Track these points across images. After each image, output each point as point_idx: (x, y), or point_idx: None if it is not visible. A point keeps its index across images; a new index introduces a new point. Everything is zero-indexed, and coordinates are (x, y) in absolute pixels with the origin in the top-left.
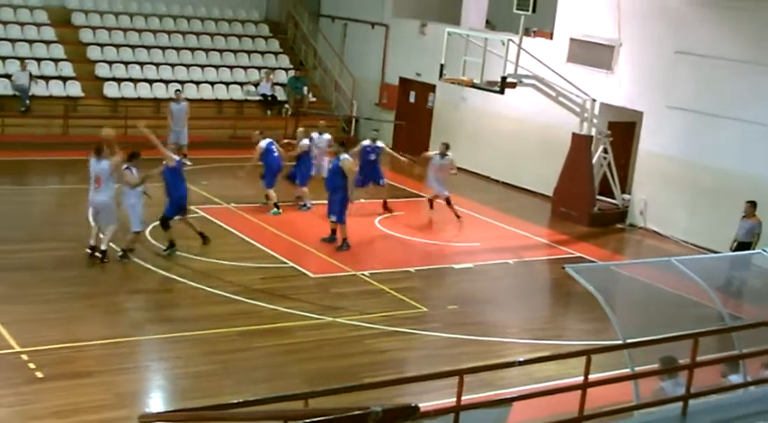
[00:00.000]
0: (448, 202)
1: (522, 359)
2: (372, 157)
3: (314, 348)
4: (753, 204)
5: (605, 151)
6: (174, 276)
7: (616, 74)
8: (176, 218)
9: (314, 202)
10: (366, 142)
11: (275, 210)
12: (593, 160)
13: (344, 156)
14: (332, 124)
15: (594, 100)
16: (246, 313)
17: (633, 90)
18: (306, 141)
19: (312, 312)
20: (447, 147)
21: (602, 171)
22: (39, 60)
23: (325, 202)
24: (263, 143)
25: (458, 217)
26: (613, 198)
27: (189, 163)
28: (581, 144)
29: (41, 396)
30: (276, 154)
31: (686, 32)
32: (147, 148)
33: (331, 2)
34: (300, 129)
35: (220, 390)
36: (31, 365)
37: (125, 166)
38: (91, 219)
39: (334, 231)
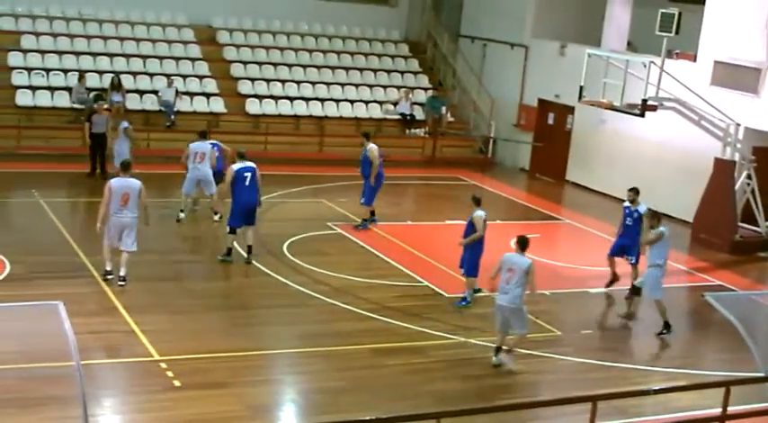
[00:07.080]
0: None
1: (656, 387)
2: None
3: (446, 368)
4: None
5: (749, 177)
6: (308, 291)
7: (762, 97)
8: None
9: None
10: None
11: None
12: (737, 186)
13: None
14: (468, 144)
15: (739, 124)
16: (379, 331)
17: None
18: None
19: (445, 332)
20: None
21: (744, 197)
22: (184, 77)
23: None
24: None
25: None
26: (757, 226)
27: None
28: (724, 169)
29: (178, 404)
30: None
31: None
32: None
33: (471, 22)
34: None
35: (351, 406)
36: (169, 374)
37: None
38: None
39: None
